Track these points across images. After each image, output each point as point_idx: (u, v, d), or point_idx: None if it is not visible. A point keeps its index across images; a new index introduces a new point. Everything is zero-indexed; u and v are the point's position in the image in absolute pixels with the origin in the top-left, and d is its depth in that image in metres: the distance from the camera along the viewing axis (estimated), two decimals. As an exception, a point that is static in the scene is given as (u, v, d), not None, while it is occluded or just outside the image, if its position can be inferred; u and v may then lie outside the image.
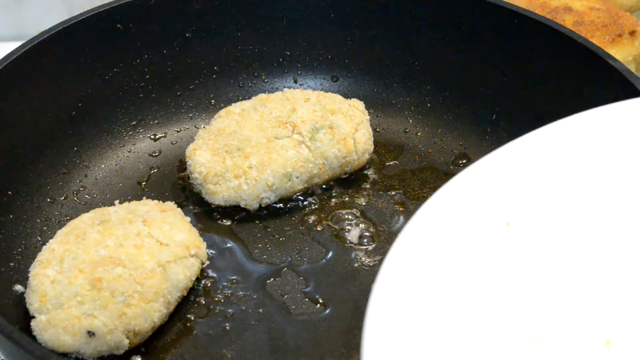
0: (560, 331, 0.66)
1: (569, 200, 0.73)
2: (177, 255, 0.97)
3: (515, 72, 1.23)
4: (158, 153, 1.25)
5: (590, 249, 0.71)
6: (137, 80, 1.26)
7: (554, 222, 0.72)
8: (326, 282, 1.04)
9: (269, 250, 1.08)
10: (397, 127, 1.31)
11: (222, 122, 1.17)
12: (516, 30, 1.20)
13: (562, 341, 0.65)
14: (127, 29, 1.22)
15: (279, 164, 1.11)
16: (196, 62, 1.31)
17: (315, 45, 1.34)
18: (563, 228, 0.72)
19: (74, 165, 1.18)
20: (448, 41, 1.28)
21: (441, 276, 0.66)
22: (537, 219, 0.72)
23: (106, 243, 0.95)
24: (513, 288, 0.68)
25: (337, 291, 1.02)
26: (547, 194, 0.73)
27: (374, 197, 1.16)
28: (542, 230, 0.71)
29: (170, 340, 0.96)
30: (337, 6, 1.31)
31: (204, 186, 1.11)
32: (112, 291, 0.90)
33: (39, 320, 0.89)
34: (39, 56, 1.12)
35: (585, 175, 0.74)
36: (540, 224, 0.72)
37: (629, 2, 1.55)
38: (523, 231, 0.71)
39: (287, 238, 1.10)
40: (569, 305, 0.68)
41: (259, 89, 1.34)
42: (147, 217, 1.01)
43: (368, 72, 1.35)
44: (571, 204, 0.73)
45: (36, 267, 0.94)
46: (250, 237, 1.10)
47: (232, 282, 1.03)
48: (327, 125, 1.16)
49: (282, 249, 1.08)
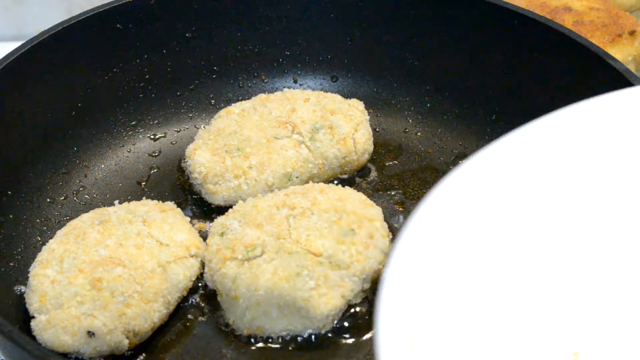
0: (570, 313, 0.67)
1: (566, 193, 0.74)
2: (177, 255, 0.97)
3: (515, 72, 1.23)
4: (158, 153, 1.25)
5: (585, 246, 0.72)
6: (137, 80, 1.26)
7: (553, 214, 0.73)
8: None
9: (269, 250, 1.08)
10: (397, 127, 1.31)
11: (222, 122, 1.18)
12: (516, 30, 1.20)
13: (568, 323, 0.66)
14: (127, 29, 1.22)
15: (278, 164, 1.11)
16: (196, 62, 1.31)
17: (315, 45, 1.34)
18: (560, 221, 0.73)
19: (74, 165, 1.18)
20: (448, 41, 1.28)
21: (449, 265, 0.66)
22: (535, 212, 0.72)
23: (106, 243, 0.95)
24: (516, 279, 0.68)
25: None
26: (545, 186, 0.74)
27: (373, 197, 1.16)
28: (542, 223, 0.72)
29: (170, 340, 0.96)
30: (337, 6, 1.31)
31: (204, 186, 1.11)
32: (112, 291, 0.90)
33: (39, 320, 0.89)
34: (39, 56, 1.12)
35: (581, 168, 0.75)
36: (540, 216, 0.73)
37: (629, 2, 1.55)
38: (524, 224, 0.72)
39: (287, 238, 1.10)
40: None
41: (259, 89, 1.34)
42: (147, 217, 1.01)
43: (368, 72, 1.35)
44: (568, 198, 0.74)
45: (36, 267, 0.94)
46: (250, 237, 1.10)
47: (232, 282, 1.03)
48: (326, 125, 1.16)
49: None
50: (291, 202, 1.01)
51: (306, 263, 0.93)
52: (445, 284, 0.64)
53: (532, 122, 0.75)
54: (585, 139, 0.76)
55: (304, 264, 0.93)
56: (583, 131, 0.76)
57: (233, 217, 1.02)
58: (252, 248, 0.95)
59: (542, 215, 0.72)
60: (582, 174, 0.75)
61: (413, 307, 0.61)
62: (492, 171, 0.72)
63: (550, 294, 0.68)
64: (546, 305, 0.67)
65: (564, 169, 0.75)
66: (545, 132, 0.75)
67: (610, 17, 1.37)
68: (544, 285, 0.69)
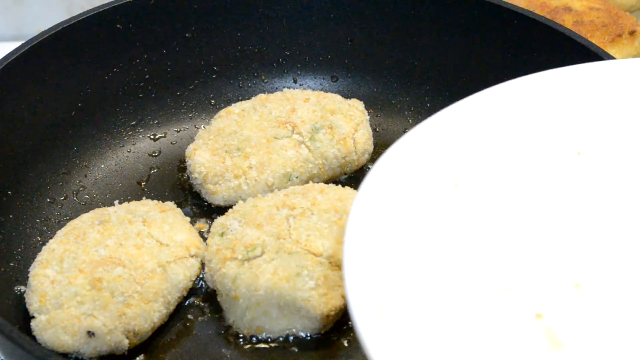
0: (529, 277, 0.69)
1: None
2: (177, 255, 0.97)
3: (515, 72, 1.22)
4: (158, 153, 1.25)
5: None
6: (137, 80, 1.26)
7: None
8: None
9: (269, 250, 1.08)
10: (397, 127, 1.31)
11: (222, 122, 1.18)
12: (516, 30, 1.21)
13: (530, 286, 0.68)
14: (127, 29, 1.22)
15: (278, 164, 1.11)
16: (196, 62, 1.31)
17: (315, 45, 1.34)
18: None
19: (74, 165, 1.18)
20: (448, 41, 1.28)
21: (409, 232, 0.68)
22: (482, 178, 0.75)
23: (106, 243, 0.95)
24: (476, 241, 0.71)
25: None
26: (499, 144, 0.78)
27: (373, 197, 1.16)
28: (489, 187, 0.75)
29: (170, 340, 0.96)
30: (337, 6, 1.32)
31: (204, 186, 1.11)
32: (112, 291, 0.90)
33: (39, 320, 0.89)
34: (39, 56, 1.12)
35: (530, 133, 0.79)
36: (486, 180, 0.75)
37: (629, 2, 1.55)
38: (470, 190, 0.74)
39: (287, 238, 1.10)
40: (538, 250, 0.71)
41: (259, 89, 1.34)
42: (147, 217, 1.01)
43: (368, 72, 1.35)
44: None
45: (36, 267, 0.94)
46: (250, 237, 1.10)
47: (232, 282, 1.03)
48: (326, 125, 1.16)
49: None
50: (291, 202, 1.01)
51: (306, 263, 0.93)
52: (405, 248, 0.67)
53: (479, 92, 0.79)
54: (533, 108, 0.80)
55: (304, 264, 0.93)
56: (531, 102, 0.80)
57: (233, 217, 1.02)
58: (252, 248, 0.95)
59: (497, 184, 0.75)
60: (529, 139, 0.79)
61: (378, 273, 0.63)
62: (442, 135, 0.74)
63: (507, 258, 0.70)
64: (504, 269, 0.69)
65: (517, 134, 0.79)
66: (491, 103, 0.78)
67: (610, 17, 1.37)
68: (501, 250, 0.71)
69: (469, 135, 0.77)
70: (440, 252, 0.68)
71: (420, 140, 0.74)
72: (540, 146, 0.78)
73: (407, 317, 0.61)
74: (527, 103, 0.80)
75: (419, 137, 0.74)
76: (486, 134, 0.78)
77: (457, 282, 0.67)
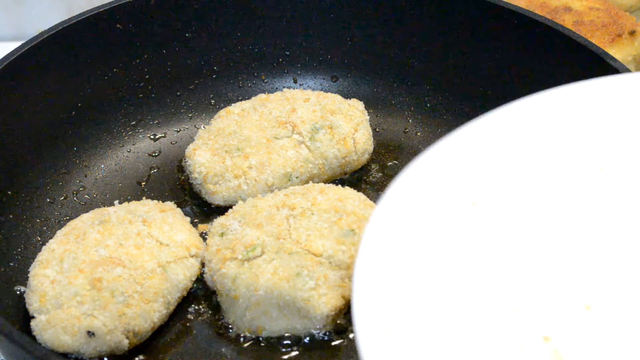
0: (540, 298, 0.68)
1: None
2: (177, 255, 0.97)
3: (515, 72, 1.23)
4: (158, 153, 1.25)
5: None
6: (137, 80, 1.26)
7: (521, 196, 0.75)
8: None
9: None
10: (397, 127, 1.31)
11: (221, 122, 1.18)
12: (516, 31, 1.21)
13: (541, 306, 0.67)
14: (127, 29, 1.22)
15: (278, 164, 1.11)
16: (196, 62, 1.31)
17: (315, 45, 1.34)
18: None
19: (74, 165, 1.18)
20: (448, 41, 1.28)
21: (421, 252, 0.67)
22: (502, 197, 0.74)
23: (106, 243, 0.95)
24: (485, 265, 0.70)
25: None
26: (516, 169, 0.76)
27: (373, 197, 1.16)
28: (509, 208, 0.74)
29: (170, 340, 0.96)
30: (337, 6, 1.31)
31: (204, 186, 1.11)
32: (112, 291, 0.90)
33: (39, 320, 0.89)
34: (39, 56, 1.12)
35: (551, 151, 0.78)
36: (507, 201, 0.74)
37: (628, 2, 1.55)
38: (488, 209, 0.73)
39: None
40: (550, 272, 0.70)
41: (259, 89, 1.34)
42: (147, 217, 1.01)
43: (368, 72, 1.35)
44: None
45: (36, 267, 0.94)
46: (250, 237, 1.10)
47: (232, 282, 1.03)
48: (326, 126, 1.16)
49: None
50: (291, 203, 1.01)
51: (306, 263, 0.93)
52: (415, 273, 0.66)
53: (501, 108, 0.78)
54: (554, 125, 0.78)
55: (304, 264, 0.93)
56: (549, 116, 0.78)
57: (233, 217, 1.02)
58: (252, 248, 0.95)
59: (513, 203, 0.74)
60: (548, 156, 0.77)
61: (385, 297, 0.62)
62: (456, 159, 0.73)
63: (519, 279, 0.70)
64: (516, 290, 0.69)
65: (535, 151, 0.77)
66: (515, 116, 0.77)
67: (610, 17, 1.37)
68: (513, 270, 0.70)
69: (487, 153, 0.76)
70: (454, 271, 0.67)
71: (438, 158, 0.72)
72: (560, 162, 0.77)
73: (414, 337, 0.60)
74: (547, 119, 0.78)
75: (437, 155, 0.72)
76: (504, 152, 0.76)
77: (470, 302, 0.66)
